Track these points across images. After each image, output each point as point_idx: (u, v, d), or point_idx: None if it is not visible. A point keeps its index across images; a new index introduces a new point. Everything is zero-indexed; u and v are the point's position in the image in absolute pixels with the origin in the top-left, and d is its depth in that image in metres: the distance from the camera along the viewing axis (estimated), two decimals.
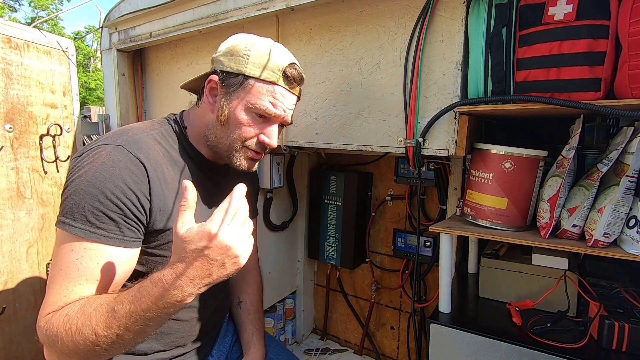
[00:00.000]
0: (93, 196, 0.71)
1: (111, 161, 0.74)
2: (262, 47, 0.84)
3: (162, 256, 0.84)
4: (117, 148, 0.76)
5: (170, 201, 0.82)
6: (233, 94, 0.84)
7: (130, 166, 0.75)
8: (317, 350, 2.03)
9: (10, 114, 1.44)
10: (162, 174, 0.81)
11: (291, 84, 0.87)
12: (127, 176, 0.74)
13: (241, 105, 0.84)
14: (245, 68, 0.82)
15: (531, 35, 0.89)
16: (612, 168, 0.86)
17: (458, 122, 1.02)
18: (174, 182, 0.84)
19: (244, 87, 0.83)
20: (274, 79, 0.83)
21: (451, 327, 1.02)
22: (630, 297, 1.02)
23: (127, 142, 0.78)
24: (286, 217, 1.87)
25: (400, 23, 1.10)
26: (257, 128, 0.86)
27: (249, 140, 0.87)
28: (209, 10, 1.37)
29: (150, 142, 0.82)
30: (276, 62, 0.83)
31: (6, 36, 1.41)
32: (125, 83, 1.79)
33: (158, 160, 0.81)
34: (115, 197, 0.72)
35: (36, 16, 16.98)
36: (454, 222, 1.10)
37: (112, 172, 0.73)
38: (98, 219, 0.72)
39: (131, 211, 0.75)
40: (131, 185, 0.74)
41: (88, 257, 0.72)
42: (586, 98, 0.84)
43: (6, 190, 1.43)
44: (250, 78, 0.83)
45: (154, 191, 0.78)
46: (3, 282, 1.43)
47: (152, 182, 0.78)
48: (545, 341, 0.93)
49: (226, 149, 0.87)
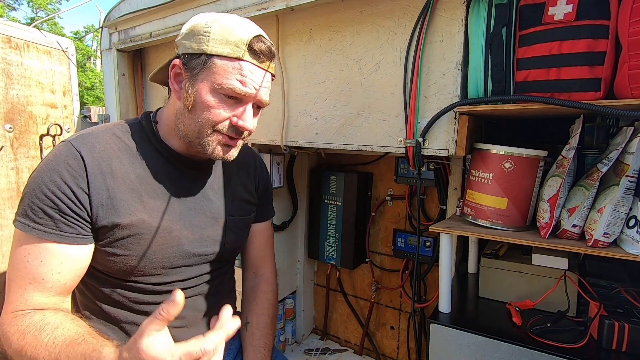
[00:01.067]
0: (32, 191, 0.72)
1: (53, 156, 0.74)
2: (224, 21, 0.77)
3: (115, 254, 0.79)
4: (65, 144, 0.76)
5: (118, 195, 0.77)
6: (197, 76, 0.77)
7: (69, 160, 0.74)
8: (317, 350, 2.03)
9: (10, 114, 1.44)
10: (109, 168, 0.77)
11: (259, 58, 0.78)
12: (63, 170, 0.73)
13: (207, 86, 0.77)
14: (207, 46, 0.75)
15: (531, 35, 0.90)
16: (612, 168, 0.86)
17: (458, 122, 1.02)
18: (128, 176, 0.79)
19: (207, 67, 0.76)
20: (238, 54, 0.75)
21: (451, 327, 1.02)
22: (630, 297, 1.02)
23: (75, 138, 0.77)
24: (286, 217, 1.87)
25: (400, 23, 1.10)
26: (228, 110, 0.78)
27: (220, 124, 0.79)
28: (209, 10, 1.37)
29: (103, 137, 0.79)
30: (239, 36, 0.75)
31: (6, 36, 1.41)
32: (125, 83, 1.79)
33: (106, 154, 0.78)
34: (49, 191, 0.71)
35: (36, 16, 16.98)
36: (454, 222, 1.10)
37: (50, 167, 0.73)
38: (35, 214, 0.72)
39: (67, 206, 0.73)
40: (67, 179, 0.72)
41: (33, 255, 0.72)
42: (586, 98, 0.84)
43: (6, 190, 1.43)
44: (213, 56, 0.75)
45: (94, 185, 0.74)
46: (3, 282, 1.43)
47: (92, 176, 0.74)
48: (545, 341, 0.93)
49: (196, 135, 0.80)
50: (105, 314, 0.84)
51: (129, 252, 0.79)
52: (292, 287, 2.02)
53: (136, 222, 0.79)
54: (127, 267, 0.80)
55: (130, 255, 0.79)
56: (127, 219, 0.77)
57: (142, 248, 0.80)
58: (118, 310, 0.84)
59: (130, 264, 0.80)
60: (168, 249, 0.83)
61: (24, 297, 0.72)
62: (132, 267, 0.80)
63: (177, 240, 0.85)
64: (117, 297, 0.83)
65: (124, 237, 0.78)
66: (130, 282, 0.83)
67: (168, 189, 0.85)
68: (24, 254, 0.72)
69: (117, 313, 0.84)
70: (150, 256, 0.81)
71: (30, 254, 0.72)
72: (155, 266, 0.83)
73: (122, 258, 0.79)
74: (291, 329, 2.03)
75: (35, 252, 0.72)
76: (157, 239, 0.81)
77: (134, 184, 0.80)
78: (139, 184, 0.80)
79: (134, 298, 0.84)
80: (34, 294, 0.73)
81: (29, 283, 0.73)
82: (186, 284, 0.89)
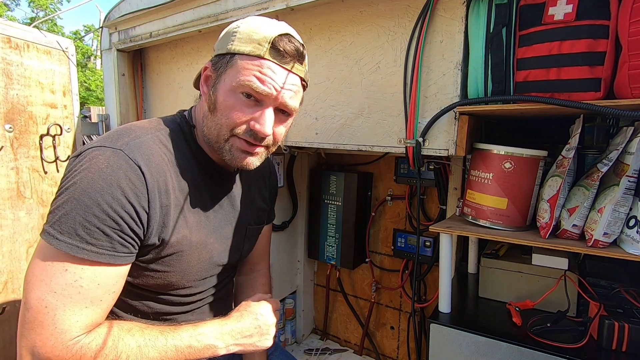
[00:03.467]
0: (87, 208, 0.63)
1: (109, 168, 0.65)
2: (253, 21, 0.73)
3: (155, 270, 0.76)
4: (117, 153, 0.67)
5: (169, 212, 0.74)
6: (220, 77, 0.74)
7: (130, 175, 0.67)
8: (317, 350, 2.03)
9: (10, 114, 1.44)
10: (165, 184, 0.73)
11: (283, 57, 0.72)
12: (126, 187, 0.66)
13: (226, 86, 0.73)
14: (232, 45, 0.72)
15: (531, 35, 0.89)
16: (612, 168, 0.86)
17: (458, 122, 1.02)
18: (175, 191, 0.75)
19: (230, 66, 0.72)
20: (259, 52, 0.71)
21: (451, 327, 1.02)
22: (630, 297, 1.02)
23: (127, 146, 0.69)
24: (286, 217, 1.87)
25: (400, 23, 1.10)
26: (247, 112, 0.73)
27: (237, 127, 0.73)
28: (209, 10, 1.37)
29: (153, 146, 0.73)
30: (263, 33, 0.71)
31: (6, 36, 1.41)
32: (125, 83, 1.79)
33: (161, 168, 0.73)
34: (112, 211, 0.64)
35: (35, 16, 16.98)
36: (454, 222, 1.10)
37: (110, 182, 0.64)
38: (89, 234, 0.63)
39: (129, 226, 0.67)
40: (130, 197, 0.66)
41: (88, 279, 0.64)
42: (586, 98, 0.84)
43: (6, 190, 1.43)
44: (235, 55, 0.72)
45: (153, 204, 0.70)
46: (3, 282, 1.43)
47: (151, 194, 0.70)
48: (545, 341, 0.93)
49: (215, 139, 0.76)
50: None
51: (171, 268, 0.77)
52: (292, 287, 2.02)
53: (180, 239, 0.76)
54: (165, 282, 0.79)
55: (171, 271, 0.78)
56: (175, 236, 0.75)
57: (183, 265, 0.79)
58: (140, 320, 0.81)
59: (169, 279, 0.79)
60: (201, 263, 0.83)
61: (83, 322, 0.65)
62: (170, 283, 0.79)
63: (209, 253, 0.84)
64: (144, 308, 0.81)
65: (168, 255, 0.76)
66: (162, 295, 0.82)
67: (206, 202, 0.83)
68: (73, 278, 0.63)
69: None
70: (187, 271, 0.81)
71: (84, 279, 0.64)
72: (189, 279, 0.82)
73: (162, 274, 0.77)
74: (291, 329, 2.03)
75: (89, 276, 0.65)
76: (195, 254, 0.81)
77: (178, 199, 0.76)
78: (182, 199, 0.77)
79: (160, 309, 0.83)
80: (92, 316, 0.66)
81: (86, 307, 0.65)
82: (208, 292, 0.91)
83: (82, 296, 0.64)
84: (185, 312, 0.87)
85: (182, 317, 0.86)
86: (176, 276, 0.79)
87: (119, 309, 0.80)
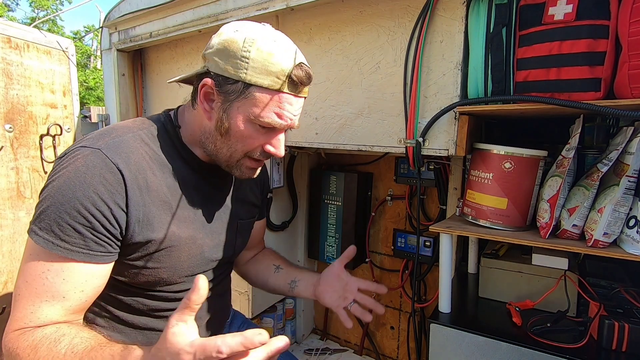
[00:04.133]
0: (60, 205, 0.65)
1: (85, 167, 0.67)
2: (263, 45, 0.71)
3: (145, 267, 0.77)
4: (95, 152, 0.69)
5: (152, 210, 0.74)
6: (233, 103, 0.74)
7: (105, 174, 0.68)
8: (317, 350, 2.03)
9: (10, 114, 1.44)
10: (145, 181, 0.74)
11: (297, 88, 0.76)
12: (100, 185, 0.67)
13: (243, 116, 0.74)
14: (246, 74, 0.71)
15: (531, 35, 0.89)
16: (612, 168, 0.86)
17: (458, 122, 1.02)
18: (161, 188, 0.77)
19: (245, 96, 0.73)
20: (278, 87, 0.72)
21: (451, 327, 1.02)
22: (630, 297, 1.02)
23: (106, 146, 0.71)
24: (286, 217, 1.87)
25: (400, 23, 1.10)
26: (262, 139, 0.78)
27: (252, 151, 0.79)
28: (209, 10, 1.37)
29: (134, 144, 0.74)
30: (281, 65, 0.71)
31: (6, 36, 1.41)
32: (125, 83, 1.79)
33: (141, 165, 0.74)
34: (84, 209, 0.66)
35: (36, 16, 16.98)
36: (454, 222, 1.10)
37: (84, 180, 0.66)
38: (62, 231, 0.66)
39: (102, 224, 0.68)
40: (104, 195, 0.67)
41: (54, 272, 0.67)
42: (586, 98, 0.84)
43: (6, 190, 1.43)
44: (251, 86, 0.72)
45: (132, 201, 0.71)
46: (3, 282, 1.43)
47: (130, 192, 0.70)
48: (545, 341, 0.93)
49: (226, 159, 0.80)
50: (121, 320, 0.82)
51: (160, 264, 0.78)
52: None
53: (169, 235, 0.77)
54: (155, 279, 0.79)
55: (161, 267, 0.78)
56: (161, 233, 0.76)
57: (173, 260, 0.80)
58: (136, 317, 0.83)
59: (160, 276, 0.79)
60: (192, 258, 0.83)
61: (36, 315, 0.66)
62: (160, 279, 0.80)
63: (200, 248, 0.85)
64: (138, 305, 0.82)
65: (156, 251, 0.76)
66: (154, 292, 0.82)
67: (194, 199, 0.84)
68: (41, 270, 0.66)
69: (135, 319, 0.83)
70: (178, 266, 0.81)
71: (51, 271, 0.67)
72: (180, 275, 0.83)
73: (152, 271, 0.78)
74: (291, 329, 2.03)
75: (57, 269, 0.67)
76: (185, 249, 0.81)
77: (165, 195, 0.77)
78: (169, 195, 0.78)
79: (155, 306, 0.83)
80: (48, 311, 0.67)
81: (45, 300, 0.67)
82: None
83: (45, 288, 0.67)
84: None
85: None
86: (167, 272, 0.79)
87: (113, 307, 0.81)
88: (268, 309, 1.85)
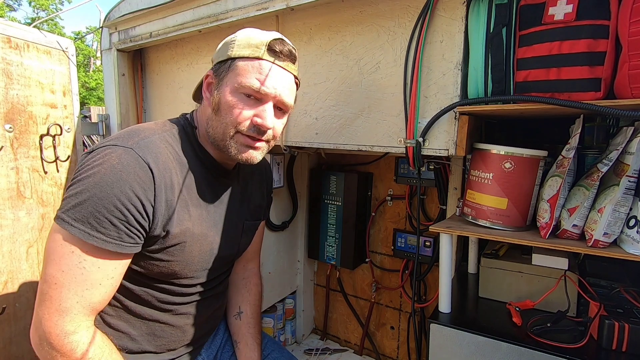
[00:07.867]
0: (99, 200, 0.70)
1: (120, 165, 0.72)
2: (250, 31, 0.83)
3: (160, 259, 0.82)
4: (128, 151, 0.74)
5: (173, 206, 0.80)
6: (222, 80, 0.82)
7: (138, 171, 0.74)
8: (317, 350, 2.03)
9: (10, 114, 1.44)
10: (170, 180, 0.79)
11: (279, 57, 0.82)
12: (134, 182, 0.73)
13: (230, 88, 0.81)
14: (232, 51, 0.81)
15: (531, 35, 0.89)
16: (612, 168, 0.86)
17: (458, 122, 1.02)
18: (180, 187, 0.83)
19: (231, 69, 0.81)
20: (258, 54, 0.80)
21: (451, 327, 1.02)
22: (630, 297, 1.02)
23: (137, 145, 0.76)
24: (286, 217, 1.87)
25: (400, 23, 1.10)
26: (249, 109, 0.81)
27: (241, 124, 0.81)
28: (209, 10, 1.37)
29: (161, 145, 0.80)
30: (260, 38, 0.81)
31: (6, 36, 1.41)
32: (125, 83, 1.79)
33: (167, 165, 0.79)
34: (120, 204, 0.71)
35: (36, 16, 16.98)
36: (454, 222, 1.10)
37: (120, 177, 0.71)
38: (99, 223, 0.71)
39: (135, 218, 0.74)
40: (138, 192, 0.73)
41: (90, 262, 0.72)
42: (586, 98, 0.84)
43: (6, 190, 1.43)
44: (236, 59, 0.81)
45: (159, 198, 0.77)
46: (3, 282, 1.43)
47: (158, 189, 0.76)
48: (545, 341, 0.93)
49: (221, 137, 0.83)
50: (129, 310, 0.87)
51: (174, 258, 0.83)
52: (292, 287, 2.02)
53: (184, 230, 0.83)
54: (168, 271, 0.85)
55: (174, 261, 0.84)
56: (178, 228, 0.81)
57: (185, 255, 0.85)
58: (143, 307, 0.88)
59: (173, 268, 0.85)
60: (203, 254, 0.89)
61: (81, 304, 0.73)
62: (173, 272, 0.85)
63: (210, 245, 0.90)
64: (146, 296, 0.87)
65: (172, 245, 0.82)
66: (164, 284, 0.87)
67: (208, 197, 0.89)
68: (77, 260, 0.71)
69: (142, 310, 0.87)
70: (189, 261, 0.86)
71: (87, 261, 0.72)
72: (191, 269, 0.88)
73: (166, 263, 0.83)
74: (291, 329, 2.03)
75: (92, 259, 0.72)
76: (196, 245, 0.86)
77: (182, 194, 0.83)
78: (187, 194, 0.84)
79: (163, 298, 0.88)
80: (92, 298, 0.74)
81: (87, 289, 0.73)
82: (207, 285, 0.96)
83: (84, 277, 0.72)
84: (185, 304, 0.92)
85: (182, 308, 0.92)
86: (179, 265, 0.85)
87: (124, 297, 0.86)
88: (268, 309, 1.85)
